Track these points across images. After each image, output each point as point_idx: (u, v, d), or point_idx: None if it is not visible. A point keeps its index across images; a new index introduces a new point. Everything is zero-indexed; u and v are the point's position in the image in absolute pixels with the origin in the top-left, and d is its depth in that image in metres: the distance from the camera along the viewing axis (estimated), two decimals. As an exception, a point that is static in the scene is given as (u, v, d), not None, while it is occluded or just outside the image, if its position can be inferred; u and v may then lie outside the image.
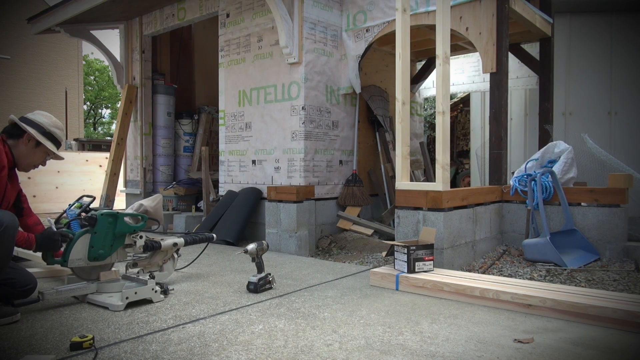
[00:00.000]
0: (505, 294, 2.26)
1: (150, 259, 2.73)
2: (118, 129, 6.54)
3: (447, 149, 3.13)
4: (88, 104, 30.98)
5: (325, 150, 4.72)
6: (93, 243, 2.41)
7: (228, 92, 5.26)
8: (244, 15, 5.06)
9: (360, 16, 4.72)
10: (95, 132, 32.60)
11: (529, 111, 5.88)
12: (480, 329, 1.98)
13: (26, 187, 7.44)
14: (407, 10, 3.30)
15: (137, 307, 2.28)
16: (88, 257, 2.40)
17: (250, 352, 1.71)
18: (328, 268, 3.30)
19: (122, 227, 2.49)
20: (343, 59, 4.86)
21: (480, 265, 3.31)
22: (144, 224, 2.60)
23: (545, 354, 1.70)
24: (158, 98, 6.58)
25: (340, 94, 4.88)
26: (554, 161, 3.77)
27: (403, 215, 3.30)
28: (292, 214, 4.12)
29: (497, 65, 3.82)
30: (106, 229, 2.45)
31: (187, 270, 3.15)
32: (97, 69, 31.01)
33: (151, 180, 6.52)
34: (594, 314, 2.02)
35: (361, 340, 1.84)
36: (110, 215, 2.46)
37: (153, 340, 1.84)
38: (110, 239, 2.46)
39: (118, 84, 6.80)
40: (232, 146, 5.21)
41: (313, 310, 2.26)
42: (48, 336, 1.89)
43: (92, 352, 1.70)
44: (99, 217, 2.43)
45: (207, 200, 5.31)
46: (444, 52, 3.09)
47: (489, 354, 1.70)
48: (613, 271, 3.02)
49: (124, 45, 6.74)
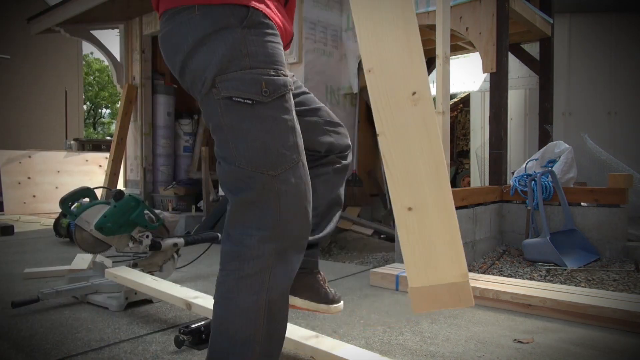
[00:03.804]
0: (505, 294, 2.26)
1: (150, 259, 2.72)
2: (118, 128, 6.54)
3: (447, 149, 3.14)
4: (88, 104, 30.98)
5: (325, 150, 4.71)
6: (107, 214, 2.38)
7: (228, 92, 5.26)
8: (244, 15, 5.06)
9: (360, 16, 4.72)
10: (95, 132, 32.60)
11: (529, 111, 5.88)
12: (480, 329, 1.98)
13: (26, 187, 7.45)
14: (407, 10, 3.29)
15: (137, 307, 2.28)
16: (95, 224, 2.36)
17: (250, 352, 1.71)
18: (328, 268, 3.30)
19: (138, 217, 2.46)
20: (343, 59, 4.86)
21: (480, 265, 3.31)
22: (157, 226, 2.58)
23: (545, 354, 1.70)
24: (158, 98, 6.58)
25: (340, 94, 4.88)
26: (554, 161, 3.77)
27: (403, 215, 3.29)
28: (292, 214, 4.12)
29: (497, 65, 3.82)
30: (124, 209, 2.42)
31: (187, 270, 3.15)
32: (97, 69, 31.02)
33: (151, 180, 6.52)
34: (594, 314, 2.02)
35: (361, 340, 1.84)
36: (134, 200, 2.45)
37: (153, 341, 1.84)
38: (123, 220, 2.43)
39: (118, 83, 6.80)
40: (232, 146, 5.21)
41: (313, 310, 2.26)
42: (48, 336, 1.88)
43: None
44: (126, 196, 2.43)
45: (207, 200, 5.30)
46: (444, 52, 3.09)
47: (489, 354, 1.70)
48: (613, 271, 3.02)
49: (124, 45, 6.74)
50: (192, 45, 1.06)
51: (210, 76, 1.05)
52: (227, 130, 1.07)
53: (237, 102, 1.04)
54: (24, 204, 7.30)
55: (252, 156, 1.05)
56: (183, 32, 1.08)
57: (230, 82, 1.04)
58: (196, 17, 1.06)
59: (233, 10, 1.05)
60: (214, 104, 1.07)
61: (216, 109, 1.07)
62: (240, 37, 1.04)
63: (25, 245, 4.30)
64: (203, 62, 1.06)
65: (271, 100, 1.06)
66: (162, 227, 2.74)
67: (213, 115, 1.09)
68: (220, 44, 1.04)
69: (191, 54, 1.07)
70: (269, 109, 1.06)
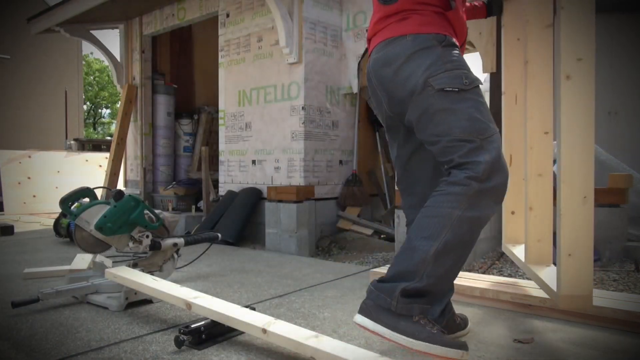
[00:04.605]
0: (505, 294, 2.26)
1: (150, 259, 2.72)
2: (118, 128, 6.54)
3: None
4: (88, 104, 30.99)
5: (325, 150, 4.72)
6: (107, 214, 2.38)
7: (228, 92, 5.26)
8: (244, 15, 5.06)
9: (360, 16, 4.72)
10: (95, 132, 32.60)
11: (529, 111, 5.87)
12: (480, 329, 1.98)
13: (26, 187, 7.45)
14: (407, 10, 3.30)
15: (137, 307, 2.28)
16: (95, 224, 2.36)
17: (250, 352, 1.71)
18: (328, 268, 3.30)
19: (138, 217, 2.46)
20: (343, 59, 4.86)
21: (480, 265, 3.31)
22: (157, 226, 2.58)
23: (545, 354, 1.70)
24: (158, 98, 6.58)
25: (341, 94, 4.88)
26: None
27: (403, 215, 3.29)
28: (292, 214, 4.12)
29: (497, 65, 3.81)
30: (124, 209, 2.42)
31: (187, 270, 3.15)
32: (97, 69, 31.03)
33: (151, 180, 6.52)
34: (594, 314, 2.02)
35: (361, 340, 1.84)
36: (134, 200, 2.45)
37: (153, 341, 1.84)
38: (123, 220, 2.43)
39: (118, 83, 6.80)
40: (232, 146, 5.21)
41: (313, 310, 2.26)
42: (48, 336, 1.88)
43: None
44: (126, 196, 2.43)
45: (207, 200, 5.31)
46: (444, 52, 3.08)
47: (489, 354, 1.70)
48: (613, 271, 3.02)
49: (124, 45, 6.74)
50: (405, 58, 1.56)
51: (423, 78, 1.51)
52: (442, 113, 1.50)
53: (447, 91, 1.49)
54: (24, 204, 7.30)
55: (465, 125, 1.47)
56: (397, 51, 1.58)
57: (440, 79, 1.50)
58: (407, 41, 1.57)
59: (435, 37, 1.56)
60: (429, 97, 1.51)
61: (432, 100, 1.50)
62: (441, 52, 1.54)
63: (25, 245, 4.30)
64: (415, 68, 1.53)
65: (471, 89, 1.51)
66: (162, 227, 2.73)
67: (429, 106, 1.51)
68: (428, 57, 1.53)
69: (403, 64, 1.56)
70: (471, 94, 1.51)
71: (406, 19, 1.60)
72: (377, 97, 1.73)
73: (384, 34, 1.65)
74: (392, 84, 1.60)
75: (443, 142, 1.50)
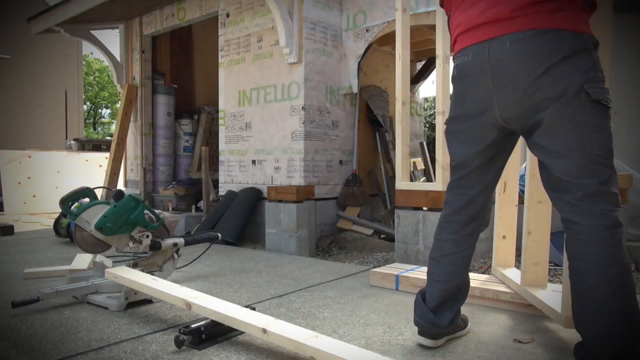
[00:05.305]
0: (505, 294, 2.27)
1: (150, 259, 2.72)
2: (118, 128, 6.54)
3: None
4: (88, 104, 30.98)
5: (325, 150, 4.72)
6: (107, 214, 2.37)
7: (228, 92, 5.27)
8: (244, 15, 5.06)
9: (360, 16, 4.73)
10: (95, 132, 32.60)
11: (529, 111, 5.86)
12: (480, 329, 1.98)
13: (26, 187, 7.45)
14: (407, 10, 3.30)
15: (137, 307, 2.28)
16: (95, 224, 2.35)
17: (250, 352, 1.71)
18: (328, 268, 3.30)
19: (138, 217, 2.46)
20: (343, 59, 4.86)
21: (480, 265, 3.31)
22: (157, 226, 2.58)
23: (545, 354, 1.70)
24: (158, 98, 6.58)
25: (340, 94, 4.88)
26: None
27: (403, 215, 3.30)
28: (292, 214, 4.13)
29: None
30: (125, 209, 2.41)
31: (187, 270, 3.15)
32: (97, 69, 31.02)
33: (151, 180, 6.52)
34: (594, 314, 2.01)
35: (361, 340, 1.84)
36: (134, 200, 2.45)
37: (153, 341, 1.84)
38: (123, 220, 2.43)
39: (118, 83, 6.80)
40: (232, 146, 5.21)
41: (313, 310, 2.26)
42: (48, 336, 1.89)
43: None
44: (126, 196, 2.43)
45: (207, 200, 5.31)
46: (444, 52, 3.09)
47: (489, 354, 1.70)
48: (613, 271, 3.02)
49: (124, 45, 6.74)
50: (562, 57, 1.38)
51: (580, 82, 1.37)
52: (589, 127, 1.39)
53: (603, 104, 1.38)
54: (24, 204, 7.30)
55: (608, 148, 1.40)
56: (554, 47, 1.39)
57: (598, 89, 1.38)
58: (567, 38, 1.39)
59: (591, 39, 1.43)
60: (580, 105, 1.38)
61: (582, 109, 1.38)
62: (596, 58, 1.42)
63: (25, 245, 4.30)
64: (573, 70, 1.38)
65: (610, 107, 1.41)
66: (162, 227, 2.73)
67: (577, 114, 1.39)
68: (586, 60, 1.39)
69: (559, 63, 1.38)
70: (610, 112, 1.42)
71: (562, 11, 1.41)
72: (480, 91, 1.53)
73: (529, 22, 1.42)
74: (534, 82, 1.41)
75: (579, 159, 1.39)
